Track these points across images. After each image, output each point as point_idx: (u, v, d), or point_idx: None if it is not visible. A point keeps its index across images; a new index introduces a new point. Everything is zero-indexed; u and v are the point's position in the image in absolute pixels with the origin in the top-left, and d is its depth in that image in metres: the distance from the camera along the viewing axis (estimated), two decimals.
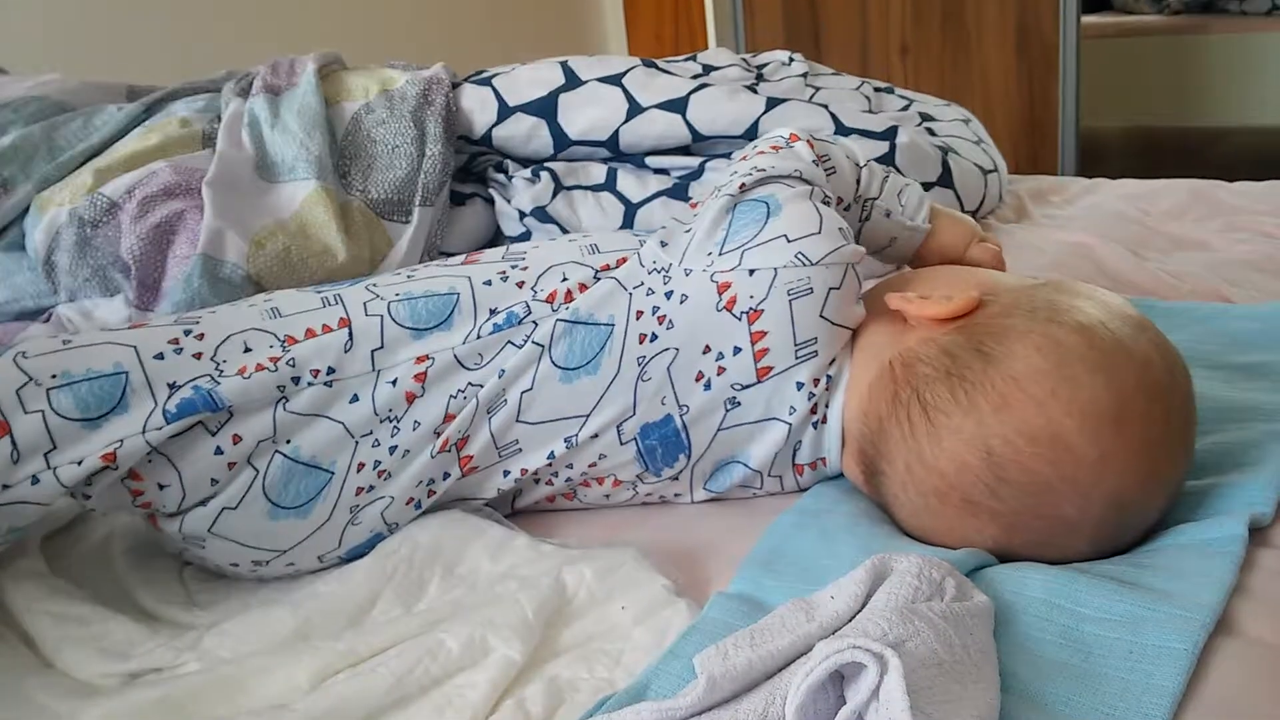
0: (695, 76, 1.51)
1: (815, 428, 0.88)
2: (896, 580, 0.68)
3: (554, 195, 1.41)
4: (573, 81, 1.45)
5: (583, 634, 0.78)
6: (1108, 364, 0.76)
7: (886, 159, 1.40)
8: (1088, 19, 3.21)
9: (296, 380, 0.85)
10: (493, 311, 0.89)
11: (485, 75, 1.50)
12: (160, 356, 0.84)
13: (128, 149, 1.33)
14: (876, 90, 1.65)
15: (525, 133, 1.44)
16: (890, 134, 1.42)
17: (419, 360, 0.87)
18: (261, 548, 0.87)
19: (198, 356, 0.85)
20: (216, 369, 0.84)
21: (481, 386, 0.87)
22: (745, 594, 0.77)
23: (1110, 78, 3.58)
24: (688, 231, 0.91)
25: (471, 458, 0.89)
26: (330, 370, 0.86)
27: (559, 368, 0.87)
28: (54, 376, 0.81)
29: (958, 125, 1.64)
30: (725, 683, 0.62)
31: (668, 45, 3.40)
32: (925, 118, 1.62)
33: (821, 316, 0.86)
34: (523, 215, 1.40)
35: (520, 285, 0.91)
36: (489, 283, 0.91)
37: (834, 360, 0.87)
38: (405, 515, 0.90)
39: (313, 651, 0.76)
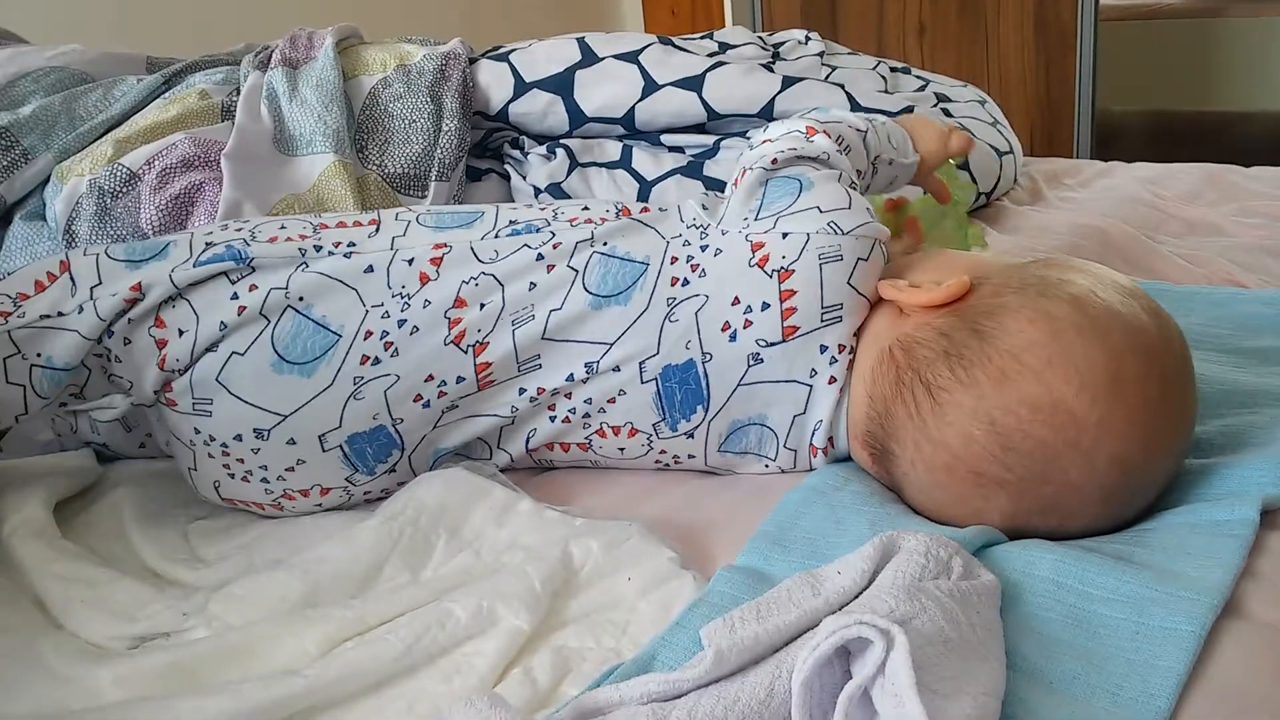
0: (711, 54, 1.51)
1: (833, 400, 0.89)
2: (904, 558, 0.69)
3: (569, 172, 1.41)
4: (589, 58, 1.45)
5: (589, 605, 0.78)
6: (1100, 329, 0.77)
7: None
8: (1105, 1, 3.19)
9: (319, 248, 0.92)
10: (513, 222, 0.95)
11: (502, 51, 1.50)
12: (208, 231, 0.96)
13: (147, 120, 1.33)
14: (893, 70, 1.65)
15: (541, 109, 1.44)
16: (906, 114, 1.42)
17: (436, 246, 0.92)
18: (265, 408, 0.89)
19: (238, 230, 0.96)
20: (251, 235, 0.94)
21: (502, 286, 0.90)
22: (752, 568, 0.78)
23: (1127, 60, 3.55)
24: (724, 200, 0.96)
25: (490, 365, 0.90)
26: (351, 244, 0.93)
27: (590, 293, 0.90)
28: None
29: (973, 106, 1.63)
30: (733, 655, 0.62)
31: (684, 23, 3.39)
32: (941, 98, 1.61)
33: (849, 284, 0.88)
34: (538, 191, 1.41)
35: (543, 209, 0.97)
36: (514, 209, 0.97)
37: (857, 332, 0.89)
38: (413, 413, 0.91)
39: (321, 619, 0.77)
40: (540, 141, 1.46)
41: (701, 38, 1.63)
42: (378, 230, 0.95)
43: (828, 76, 1.52)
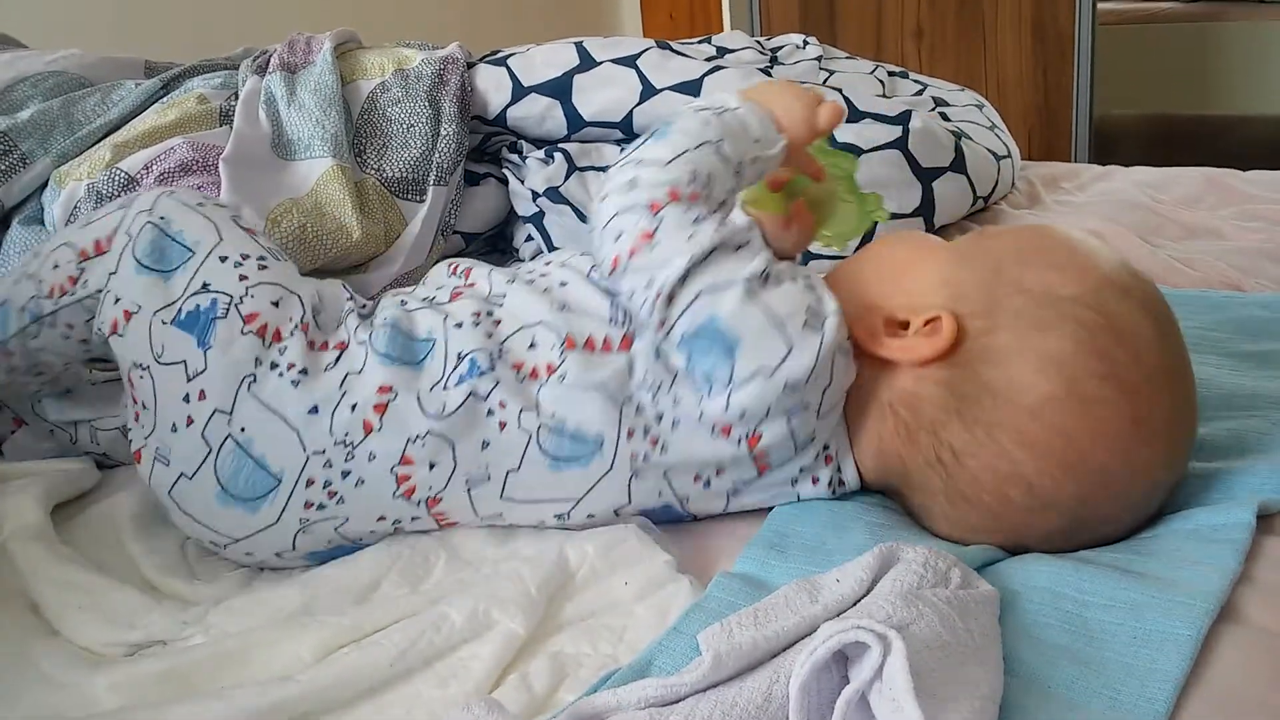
0: (710, 59, 1.51)
1: (828, 476, 0.86)
2: (902, 568, 0.69)
3: (567, 176, 1.41)
4: (587, 62, 1.45)
5: (585, 609, 0.78)
6: (1111, 363, 0.76)
7: (899, 143, 1.40)
8: (1103, 5, 3.19)
9: (274, 365, 0.85)
10: (459, 358, 0.85)
11: (500, 55, 1.50)
12: (224, 258, 0.89)
13: (145, 125, 1.33)
14: (890, 75, 1.65)
15: (539, 113, 1.45)
16: (904, 118, 1.42)
17: (382, 390, 0.84)
18: (216, 530, 0.86)
19: (243, 278, 0.88)
20: (243, 295, 0.87)
21: (452, 446, 0.83)
22: (750, 574, 0.78)
23: (1125, 64, 3.56)
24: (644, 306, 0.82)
25: (447, 514, 0.86)
26: (303, 371, 0.85)
27: (547, 455, 0.83)
28: (161, 217, 0.91)
29: (971, 110, 1.63)
30: (730, 660, 0.62)
31: (683, 27, 3.40)
32: (939, 103, 1.61)
33: (820, 418, 0.82)
34: (536, 195, 1.41)
35: (489, 336, 0.86)
36: (460, 325, 0.87)
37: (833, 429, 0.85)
38: (373, 536, 0.87)
39: (317, 625, 0.77)
40: (538, 146, 1.46)
41: (699, 42, 1.64)
42: (337, 361, 0.86)
43: (825, 80, 1.52)
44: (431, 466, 0.84)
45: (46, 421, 1.02)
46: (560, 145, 1.44)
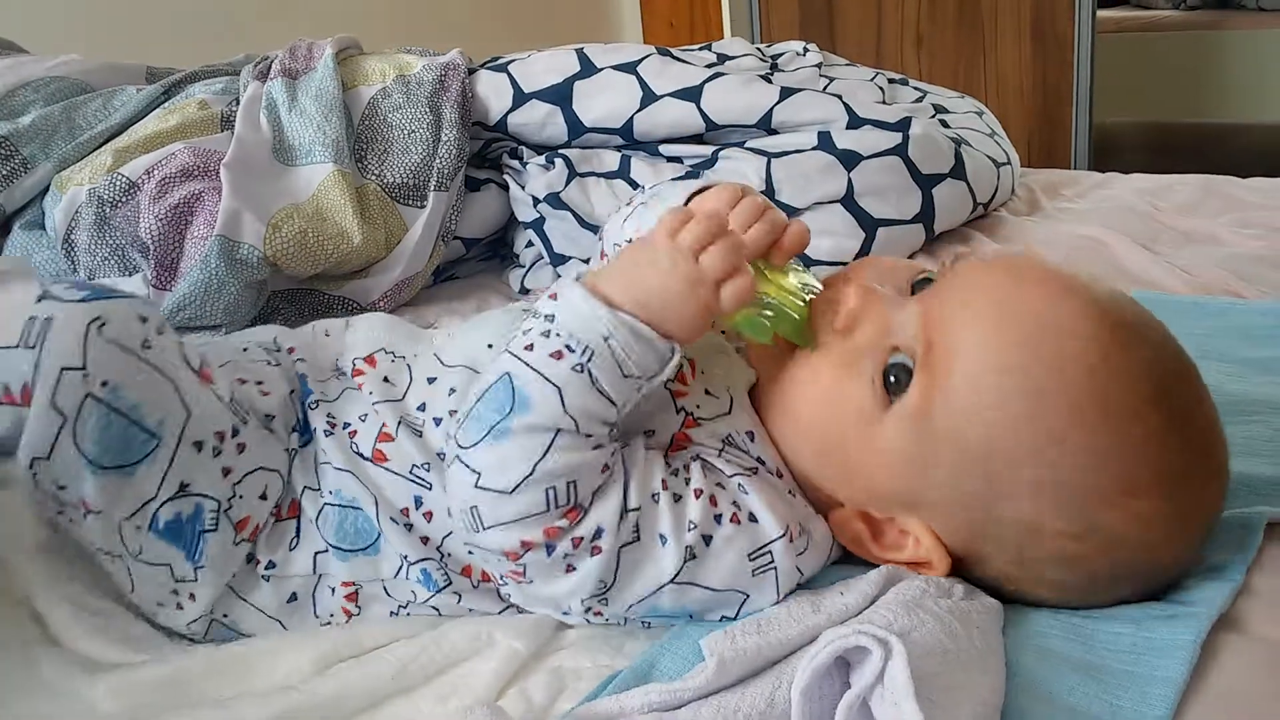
0: (710, 65, 1.51)
1: None
2: (905, 583, 0.69)
3: (568, 182, 1.41)
4: (588, 69, 1.45)
5: (587, 630, 0.77)
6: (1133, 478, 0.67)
7: (899, 149, 1.40)
8: (1103, 13, 3.20)
9: (251, 558, 0.75)
10: (406, 562, 0.75)
11: (501, 61, 1.51)
12: (199, 445, 0.71)
13: (147, 130, 1.34)
14: (890, 82, 1.65)
15: (540, 119, 1.45)
16: (904, 125, 1.42)
17: (345, 584, 0.76)
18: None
19: (226, 472, 0.73)
20: (231, 497, 0.73)
21: (438, 611, 0.77)
22: None
23: (1125, 72, 3.56)
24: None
25: None
26: (271, 564, 0.76)
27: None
28: (104, 384, 0.67)
29: (971, 118, 1.64)
30: (734, 666, 0.62)
31: (683, 34, 3.40)
32: (939, 109, 1.62)
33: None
34: (536, 201, 1.41)
35: (425, 542, 0.75)
36: (394, 520, 0.75)
37: None
38: None
39: (317, 637, 0.76)
40: (539, 151, 1.47)
41: (700, 49, 1.64)
42: (297, 536, 0.76)
43: (825, 87, 1.52)
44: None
45: None
46: (561, 151, 1.45)
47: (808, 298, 0.74)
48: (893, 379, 0.70)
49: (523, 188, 1.43)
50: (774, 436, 0.75)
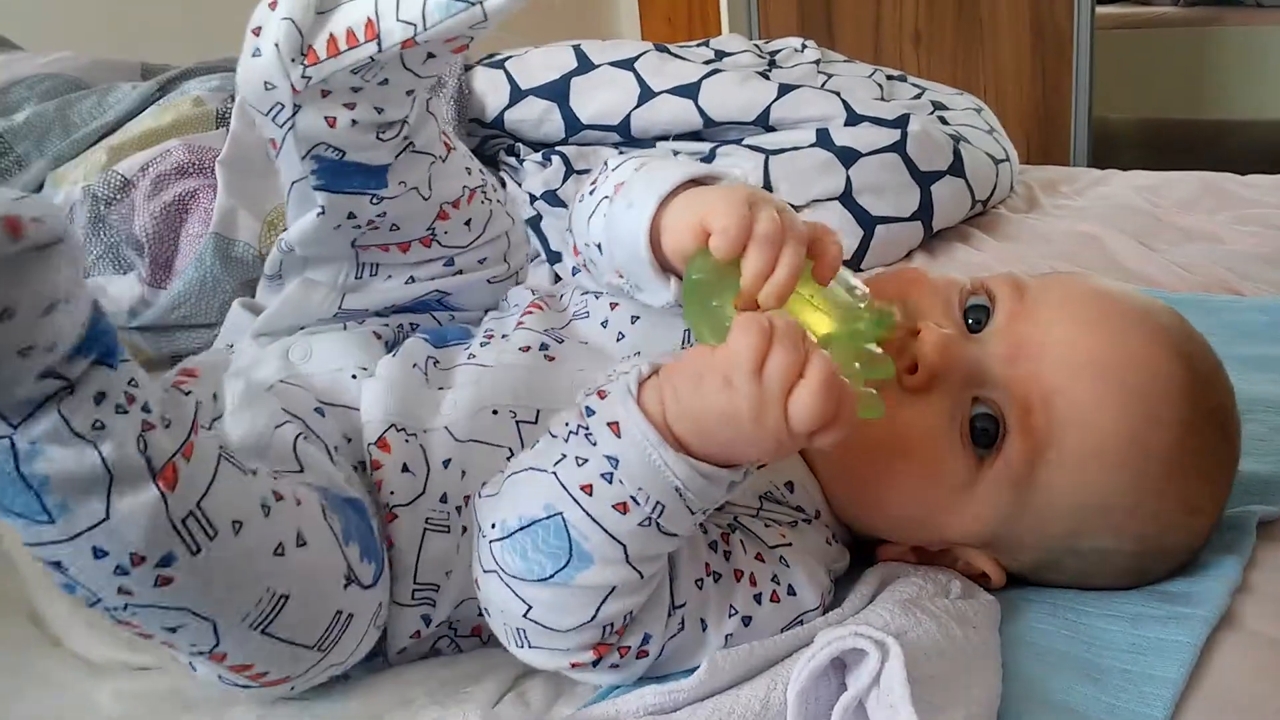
0: (707, 62, 1.51)
1: None
2: (902, 582, 0.69)
3: (565, 179, 1.41)
4: (585, 65, 1.45)
5: None
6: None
7: (898, 146, 1.40)
8: (1102, 10, 3.20)
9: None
10: (418, 636, 0.72)
11: (498, 58, 1.50)
12: None
13: (142, 127, 1.33)
14: (889, 78, 1.65)
15: (537, 116, 1.45)
16: (902, 122, 1.42)
17: None
18: None
19: None
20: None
21: None
22: None
23: (1124, 69, 3.56)
24: None
25: None
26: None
27: None
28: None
29: (970, 114, 1.64)
30: (728, 668, 0.62)
31: (681, 31, 3.40)
32: (937, 106, 1.61)
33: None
34: (533, 198, 1.41)
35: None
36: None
37: None
38: None
39: None
40: (536, 148, 1.46)
41: (698, 45, 1.64)
42: None
43: (824, 84, 1.52)
44: None
45: None
46: (558, 148, 1.44)
47: (877, 347, 0.63)
48: (979, 428, 0.68)
49: (520, 185, 1.43)
50: (830, 493, 0.73)
